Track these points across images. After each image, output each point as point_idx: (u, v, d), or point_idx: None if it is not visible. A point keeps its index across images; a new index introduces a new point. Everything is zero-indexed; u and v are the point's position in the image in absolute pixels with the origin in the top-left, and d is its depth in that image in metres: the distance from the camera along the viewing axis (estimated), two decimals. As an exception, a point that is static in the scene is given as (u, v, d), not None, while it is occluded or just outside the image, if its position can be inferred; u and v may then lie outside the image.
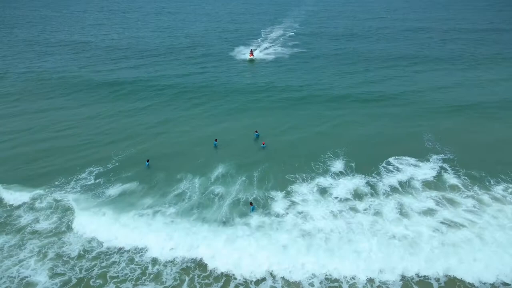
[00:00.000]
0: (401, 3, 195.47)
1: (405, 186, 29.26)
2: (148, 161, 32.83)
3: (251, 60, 68.55)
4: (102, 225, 25.07)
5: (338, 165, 32.19)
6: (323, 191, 28.67)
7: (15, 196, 28.33)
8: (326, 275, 21.56)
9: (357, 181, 29.74)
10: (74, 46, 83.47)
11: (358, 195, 28.19)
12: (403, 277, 21.43)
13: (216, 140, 36.69)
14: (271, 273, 21.76)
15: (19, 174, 31.65)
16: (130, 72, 62.60)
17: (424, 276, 21.40)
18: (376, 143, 36.37)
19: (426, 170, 31.22)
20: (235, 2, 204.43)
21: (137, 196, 28.25)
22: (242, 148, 35.91)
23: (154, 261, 22.68)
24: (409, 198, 27.79)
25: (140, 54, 75.68)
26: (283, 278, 21.57)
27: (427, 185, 29.44)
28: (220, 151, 35.57)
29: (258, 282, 21.38)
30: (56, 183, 29.99)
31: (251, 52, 71.54)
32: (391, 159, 32.91)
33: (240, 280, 21.43)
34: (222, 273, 21.84)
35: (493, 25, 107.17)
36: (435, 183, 29.71)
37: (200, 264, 22.56)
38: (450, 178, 30.16)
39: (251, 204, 27.01)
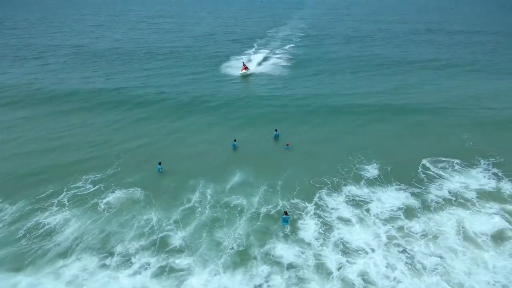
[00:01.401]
0: (407, 6, 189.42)
1: (458, 198, 22.24)
2: (160, 164, 26.04)
3: (245, 75, 51.30)
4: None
5: (372, 170, 25.33)
6: (359, 204, 21.68)
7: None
8: None
9: (398, 193, 22.85)
10: (69, 50, 72.67)
11: (406, 212, 21.03)
12: None
13: (235, 140, 29.72)
14: None
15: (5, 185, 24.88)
16: (134, 76, 53.53)
17: None
18: (410, 144, 29.55)
19: (476, 178, 24.52)
20: (236, 7, 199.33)
21: (138, 209, 21.31)
22: (262, 150, 29.04)
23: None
24: (468, 215, 20.69)
25: (144, 57, 66.11)
26: None
27: (483, 196, 22.52)
28: (239, 153, 28.70)
29: None
30: (43, 195, 22.87)
31: (244, 66, 53.34)
32: (428, 161, 26.43)
33: None
34: None
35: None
36: (492, 193, 22.78)
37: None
38: (508, 186, 23.34)
39: (285, 213, 20.06)
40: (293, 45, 76.00)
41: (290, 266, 17.29)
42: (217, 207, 21.74)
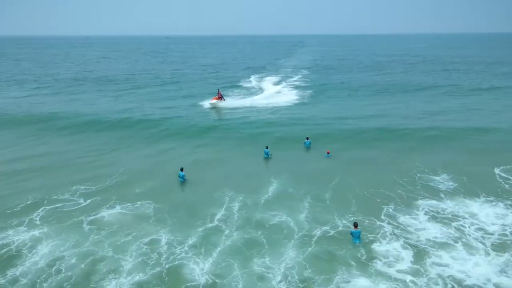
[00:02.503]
0: (412, 44, 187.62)
1: None
2: (182, 170, 19.11)
3: (215, 107, 37.80)
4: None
5: (444, 181, 18.43)
6: (450, 222, 14.48)
7: None
8: None
9: (494, 207, 15.82)
10: (72, 76, 66.23)
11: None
12: None
13: (267, 147, 23.14)
14: None
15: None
16: (144, 99, 46.54)
17: None
18: (473, 155, 23.08)
19: None
20: (241, 45, 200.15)
21: (143, 227, 14.30)
22: (297, 159, 22.69)
23: None
24: None
25: (152, 83, 62.99)
26: None
27: None
28: (271, 162, 22.36)
29: None
30: (15, 209, 16.06)
31: (218, 95, 39.28)
32: (501, 170, 20.02)
33: None
34: None
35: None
36: None
37: None
38: None
39: (355, 226, 13.46)
40: (307, 72, 70.04)
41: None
42: (250, 226, 14.63)
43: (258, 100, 41.70)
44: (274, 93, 46.68)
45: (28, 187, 18.70)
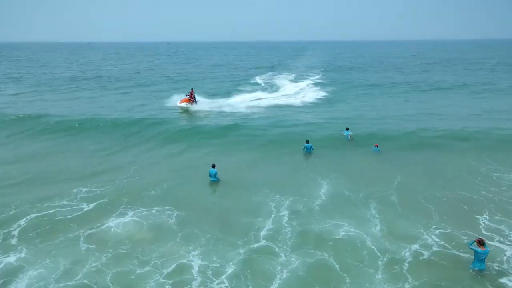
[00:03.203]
0: (418, 48, 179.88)
1: None
2: (214, 166, 14.66)
3: (186, 110, 30.29)
4: None
5: None
6: None
7: None
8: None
9: None
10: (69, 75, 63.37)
11: None
12: None
13: (307, 141, 18.71)
14: None
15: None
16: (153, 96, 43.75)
17: None
18: None
19: None
20: (242, 50, 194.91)
21: (163, 246, 10.07)
22: (340, 156, 18.24)
23: None
24: None
25: (160, 81, 58.95)
26: None
27: None
28: (313, 161, 17.92)
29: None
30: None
31: (190, 96, 31.49)
32: None
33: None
34: None
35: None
36: None
37: None
38: None
39: (481, 244, 8.90)
40: (322, 70, 64.34)
41: None
42: (310, 245, 10.12)
43: (278, 98, 36.38)
44: (296, 91, 40.57)
45: (15, 191, 14.25)
